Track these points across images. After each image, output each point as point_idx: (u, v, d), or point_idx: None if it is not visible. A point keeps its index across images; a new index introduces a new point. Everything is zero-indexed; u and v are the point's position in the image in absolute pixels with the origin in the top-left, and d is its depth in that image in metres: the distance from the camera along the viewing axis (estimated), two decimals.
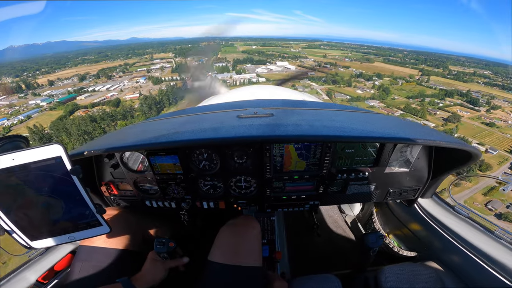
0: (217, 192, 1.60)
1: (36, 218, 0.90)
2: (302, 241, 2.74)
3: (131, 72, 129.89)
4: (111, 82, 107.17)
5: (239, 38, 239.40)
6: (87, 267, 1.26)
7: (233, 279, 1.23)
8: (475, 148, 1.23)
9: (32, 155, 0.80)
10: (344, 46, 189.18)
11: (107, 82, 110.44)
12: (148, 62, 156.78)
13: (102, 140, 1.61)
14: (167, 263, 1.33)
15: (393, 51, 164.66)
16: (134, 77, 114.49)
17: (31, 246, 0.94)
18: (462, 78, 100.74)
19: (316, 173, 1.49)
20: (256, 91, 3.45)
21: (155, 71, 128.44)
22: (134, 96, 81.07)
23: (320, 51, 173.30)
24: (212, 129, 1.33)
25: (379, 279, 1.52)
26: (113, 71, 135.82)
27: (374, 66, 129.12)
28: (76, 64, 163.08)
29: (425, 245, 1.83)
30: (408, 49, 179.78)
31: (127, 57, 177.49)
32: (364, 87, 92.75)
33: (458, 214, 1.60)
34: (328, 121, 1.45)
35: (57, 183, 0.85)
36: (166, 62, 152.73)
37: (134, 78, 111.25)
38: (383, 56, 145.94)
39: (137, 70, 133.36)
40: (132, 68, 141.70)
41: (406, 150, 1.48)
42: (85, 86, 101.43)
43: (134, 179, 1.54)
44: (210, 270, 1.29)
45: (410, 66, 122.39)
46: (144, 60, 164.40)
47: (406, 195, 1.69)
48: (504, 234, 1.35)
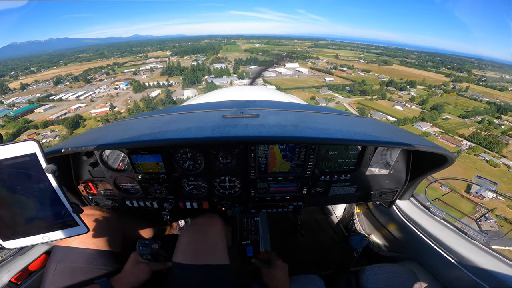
0: (201, 193, 1.58)
1: (8, 218, 0.86)
2: (286, 242, 2.76)
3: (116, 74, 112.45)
4: (87, 87, 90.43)
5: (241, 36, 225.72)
6: (62, 267, 1.20)
7: (197, 279, 1.22)
8: (450, 152, 1.28)
9: (5, 151, 0.76)
10: (352, 46, 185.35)
11: (84, 86, 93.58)
12: (140, 62, 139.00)
13: (81, 137, 1.56)
14: (150, 265, 1.29)
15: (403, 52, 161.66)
16: (116, 81, 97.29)
17: (3, 246, 0.90)
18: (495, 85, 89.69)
19: (300, 174, 1.50)
20: (242, 91, 3.47)
21: (143, 73, 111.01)
22: (102, 111, 63.54)
23: (328, 51, 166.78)
24: (197, 128, 1.32)
25: (360, 279, 1.56)
26: (98, 72, 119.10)
27: (394, 69, 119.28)
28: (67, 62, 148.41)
29: (403, 246, 1.90)
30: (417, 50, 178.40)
31: (122, 55, 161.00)
32: (401, 100, 73.50)
33: (433, 216, 1.67)
34: (313, 123, 1.50)
35: (31, 181, 0.81)
36: (160, 61, 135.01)
37: (116, 82, 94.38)
38: (396, 57, 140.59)
39: (124, 71, 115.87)
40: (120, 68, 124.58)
41: (386, 153, 1.52)
42: (55, 93, 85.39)
43: (114, 178, 1.49)
44: (174, 271, 1.28)
45: (434, 70, 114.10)
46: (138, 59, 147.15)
47: (385, 197, 1.73)
48: (476, 235, 1.43)
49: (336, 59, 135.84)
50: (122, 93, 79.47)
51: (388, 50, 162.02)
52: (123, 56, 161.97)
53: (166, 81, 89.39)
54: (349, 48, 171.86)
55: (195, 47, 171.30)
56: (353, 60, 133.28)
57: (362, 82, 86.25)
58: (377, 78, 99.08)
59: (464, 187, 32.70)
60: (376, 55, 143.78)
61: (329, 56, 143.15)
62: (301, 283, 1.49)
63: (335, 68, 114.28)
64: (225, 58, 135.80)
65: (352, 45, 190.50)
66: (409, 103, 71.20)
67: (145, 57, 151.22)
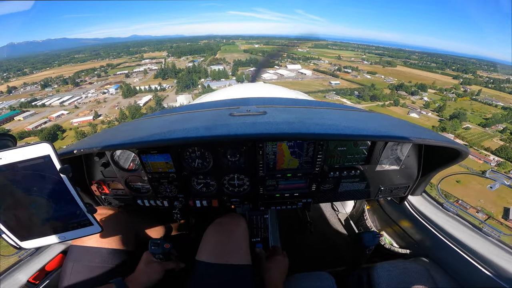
0: (210, 191, 1.59)
1: (25, 218, 0.88)
2: (295, 239, 2.73)
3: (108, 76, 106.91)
4: (75, 91, 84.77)
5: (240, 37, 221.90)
6: (78, 267, 1.23)
7: (221, 278, 1.22)
8: (464, 146, 1.25)
9: (20, 154, 0.77)
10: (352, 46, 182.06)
11: (71, 90, 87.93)
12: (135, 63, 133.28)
13: (92, 138, 1.58)
14: (163, 264, 1.31)
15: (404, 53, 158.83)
16: (106, 84, 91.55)
17: (21, 247, 0.92)
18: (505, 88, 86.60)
19: (308, 171, 1.50)
20: (248, 89, 3.42)
21: (136, 75, 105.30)
22: (85, 120, 57.66)
23: (329, 51, 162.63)
24: (204, 127, 1.31)
25: (371, 276, 1.54)
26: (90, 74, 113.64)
27: (399, 71, 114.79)
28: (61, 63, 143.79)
29: (416, 242, 1.86)
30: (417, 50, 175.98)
31: (118, 56, 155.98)
32: (415, 106, 67.65)
33: (447, 212, 1.63)
34: (320, 119, 1.48)
35: (46, 182, 0.83)
36: (156, 62, 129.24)
37: (106, 86, 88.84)
38: (399, 58, 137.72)
39: (116, 73, 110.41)
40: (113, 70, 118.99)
41: (397, 148, 1.50)
42: (40, 97, 79.90)
43: (126, 178, 1.52)
44: (197, 270, 1.28)
45: (439, 72, 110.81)
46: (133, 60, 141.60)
47: (396, 193, 1.71)
48: (491, 231, 1.39)
49: (338, 60, 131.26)
50: (110, 99, 73.92)
51: (389, 51, 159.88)
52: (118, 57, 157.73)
53: (158, 85, 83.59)
54: (350, 48, 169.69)
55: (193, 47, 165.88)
56: (356, 61, 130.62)
57: (372, 86, 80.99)
58: (385, 81, 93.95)
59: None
60: (379, 56, 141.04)
61: (331, 57, 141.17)
62: (311, 280, 1.49)
63: (339, 70, 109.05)
64: (223, 59, 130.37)
65: (352, 45, 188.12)
66: (424, 109, 65.88)
67: (141, 58, 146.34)
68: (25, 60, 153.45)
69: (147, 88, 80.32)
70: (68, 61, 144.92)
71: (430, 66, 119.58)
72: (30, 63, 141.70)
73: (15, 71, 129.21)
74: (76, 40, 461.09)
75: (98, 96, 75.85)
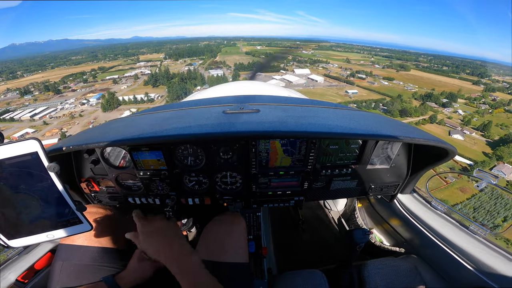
0: (202, 188, 1.59)
1: (13, 217, 0.86)
2: (288, 237, 2.74)
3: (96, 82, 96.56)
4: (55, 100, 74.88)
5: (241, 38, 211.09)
6: (67, 266, 1.22)
7: (219, 276, 1.20)
8: (452, 146, 1.28)
9: (7, 151, 0.75)
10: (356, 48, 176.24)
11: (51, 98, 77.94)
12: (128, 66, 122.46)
13: (82, 135, 1.55)
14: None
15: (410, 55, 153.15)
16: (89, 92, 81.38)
17: (9, 245, 0.90)
18: None
19: (301, 169, 1.51)
20: (242, 86, 3.41)
21: (126, 80, 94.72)
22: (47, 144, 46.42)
23: (334, 54, 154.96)
24: (197, 124, 1.31)
25: (362, 273, 1.58)
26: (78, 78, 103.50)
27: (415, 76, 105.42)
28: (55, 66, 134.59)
29: (405, 240, 1.90)
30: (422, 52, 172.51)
31: (115, 58, 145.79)
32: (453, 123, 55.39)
33: (435, 210, 1.68)
34: (313, 117, 1.48)
35: (34, 180, 0.81)
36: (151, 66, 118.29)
37: (88, 95, 78.82)
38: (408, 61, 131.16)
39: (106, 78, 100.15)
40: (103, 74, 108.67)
41: (387, 147, 1.53)
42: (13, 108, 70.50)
43: (116, 175, 1.51)
44: None
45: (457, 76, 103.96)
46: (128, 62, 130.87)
47: (386, 191, 1.74)
48: (478, 229, 1.43)
49: (348, 64, 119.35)
50: (88, 111, 64.91)
51: (394, 53, 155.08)
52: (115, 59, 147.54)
53: (145, 95, 73.10)
54: (355, 50, 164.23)
55: (192, 49, 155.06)
56: (366, 65, 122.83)
57: (398, 97, 68.46)
58: (405, 88, 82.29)
59: None
60: (387, 59, 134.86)
61: (339, 60, 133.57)
62: (302, 278, 1.51)
63: (353, 75, 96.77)
64: (224, 63, 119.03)
65: (355, 47, 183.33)
66: (464, 126, 53.78)
67: (136, 60, 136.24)
68: (22, 62, 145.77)
69: (132, 98, 70.54)
70: (63, 63, 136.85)
71: (443, 70, 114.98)
72: (25, 66, 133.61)
73: (7, 74, 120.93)
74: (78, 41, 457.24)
75: (75, 108, 67.48)
